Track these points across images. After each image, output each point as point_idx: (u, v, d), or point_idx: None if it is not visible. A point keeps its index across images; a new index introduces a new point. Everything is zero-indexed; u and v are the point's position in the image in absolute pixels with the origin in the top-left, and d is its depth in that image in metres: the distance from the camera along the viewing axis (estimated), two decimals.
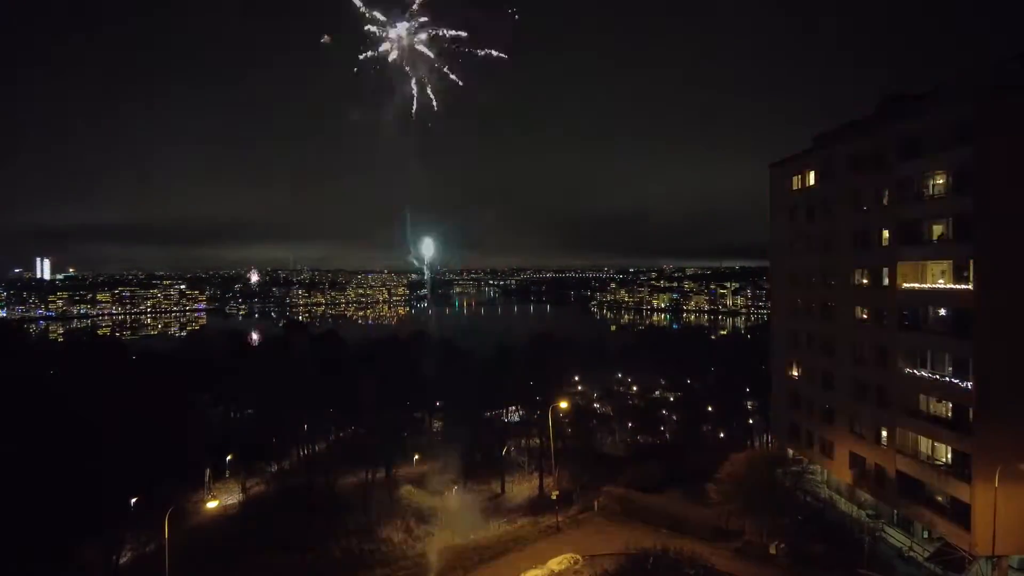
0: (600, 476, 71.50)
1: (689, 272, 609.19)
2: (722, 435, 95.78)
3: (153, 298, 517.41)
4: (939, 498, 45.24)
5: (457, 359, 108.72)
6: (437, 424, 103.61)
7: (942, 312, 46.04)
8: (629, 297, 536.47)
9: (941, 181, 45.80)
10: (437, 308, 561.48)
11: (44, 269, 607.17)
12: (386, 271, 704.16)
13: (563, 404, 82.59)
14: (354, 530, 61.32)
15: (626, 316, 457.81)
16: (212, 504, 65.41)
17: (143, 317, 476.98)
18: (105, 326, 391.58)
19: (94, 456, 50.53)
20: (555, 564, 48.61)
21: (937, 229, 46.43)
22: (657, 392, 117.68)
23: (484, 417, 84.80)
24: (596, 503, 64.03)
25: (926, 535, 47.13)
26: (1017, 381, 41.00)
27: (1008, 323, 40.92)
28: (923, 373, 46.80)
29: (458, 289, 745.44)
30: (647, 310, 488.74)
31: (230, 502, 71.67)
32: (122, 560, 52.83)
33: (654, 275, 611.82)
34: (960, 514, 42.26)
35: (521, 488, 76.31)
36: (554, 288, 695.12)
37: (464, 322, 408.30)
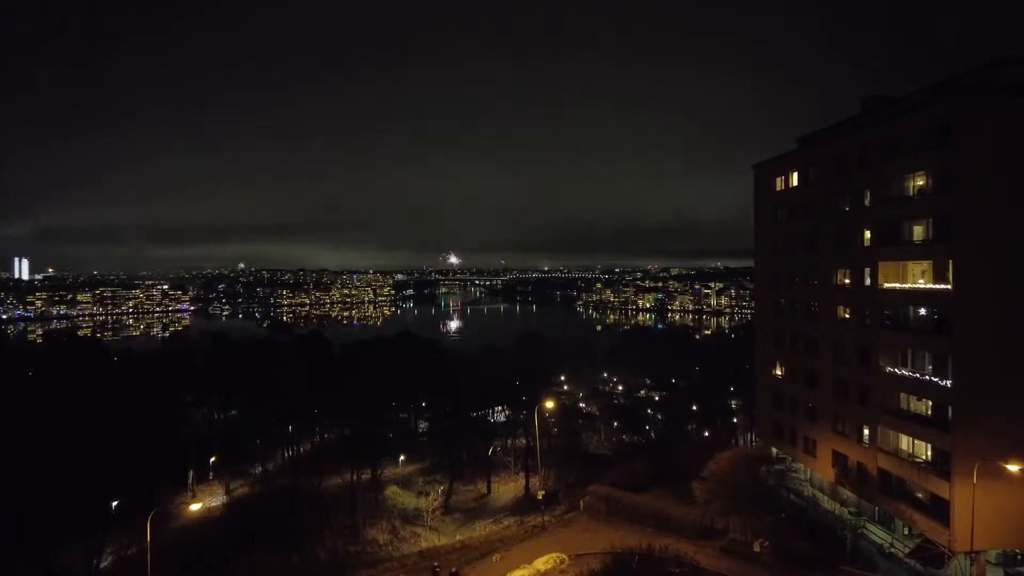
0: (586, 475, 71.72)
1: (674, 272, 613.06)
2: (707, 434, 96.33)
3: (135, 298, 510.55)
4: (919, 495, 45.84)
5: (443, 359, 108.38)
6: (423, 425, 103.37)
7: (923, 312, 46.66)
8: (615, 297, 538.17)
9: (921, 182, 46.37)
10: (423, 308, 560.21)
11: (22, 269, 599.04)
12: (371, 271, 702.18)
13: (549, 404, 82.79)
14: (339, 531, 61.10)
15: (612, 316, 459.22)
16: (195, 506, 64.76)
17: (125, 318, 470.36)
18: (85, 327, 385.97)
19: (74, 458, 49.78)
20: (541, 564, 48.65)
21: (918, 230, 47.00)
22: (642, 391, 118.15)
23: (470, 417, 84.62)
24: (582, 502, 64.16)
25: (907, 532, 47.72)
26: (995, 379, 41.60)
27: (987, 322, 41.51)
28: (904, 372, 47.40)
29: (444, 289, 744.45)
30: (632, 310, 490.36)
31: (214, 504, 71.02)
32: (103, 564, 52.17)
33: (639, 275, 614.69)
34: (940, 511, 42.84)
35: (507, 488, 76.34)
36: (540, 288, 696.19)
37: (450, 322, 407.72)
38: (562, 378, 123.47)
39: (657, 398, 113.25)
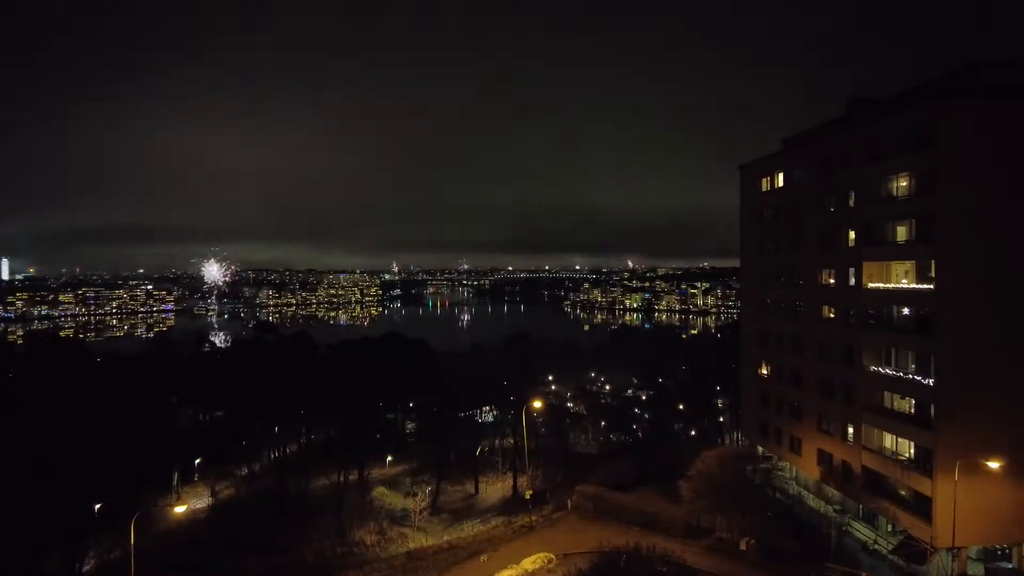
0: (573, 475, 71.77)
1: (661, 272, 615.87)
2: (693, 433, 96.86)
3: (119, 299, 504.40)
4: (902, 492, 46.36)
5: (430, 359, 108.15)
6: (410, 425, 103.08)
7: (906, 311, 47.18)
8: (602, 297, 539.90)
9: (905, 183, 46.88)
10: (410, 308, 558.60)
11: (1, 269, 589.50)
12: (358, 271, 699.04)
13: (537, 403, 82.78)
14: (326, 532, 60.70)
15: (599, 316, 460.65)
16: (180, 508, 64.10)
17: (108, 318, 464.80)
18: (68, 328, 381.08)
19: (55, 461, 49.12)
20: (529, 564, 48.62)
21: (901, 230, 47.51)
22: (630, 391, 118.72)
23: (458, 417, 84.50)
24: (569, 502, 64.20)
25: (890, 529, 48.21)
26: (976, 378, 42.18)
27: (968, 321, 42.05)
28: (887, 371, 47.90)
29: (431, 289, 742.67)
30: (620, 310, 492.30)
31: (199, 506, 70.38)
32: (86, 568, 51.52)
33: (627, 275, 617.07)
34: (922, 507, 43.35)
35: (495, 488, 76.31)
36: (528, 288, 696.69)
37: (437, 322, 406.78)
38: (550, 378, 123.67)
39: (644, 397, 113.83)
